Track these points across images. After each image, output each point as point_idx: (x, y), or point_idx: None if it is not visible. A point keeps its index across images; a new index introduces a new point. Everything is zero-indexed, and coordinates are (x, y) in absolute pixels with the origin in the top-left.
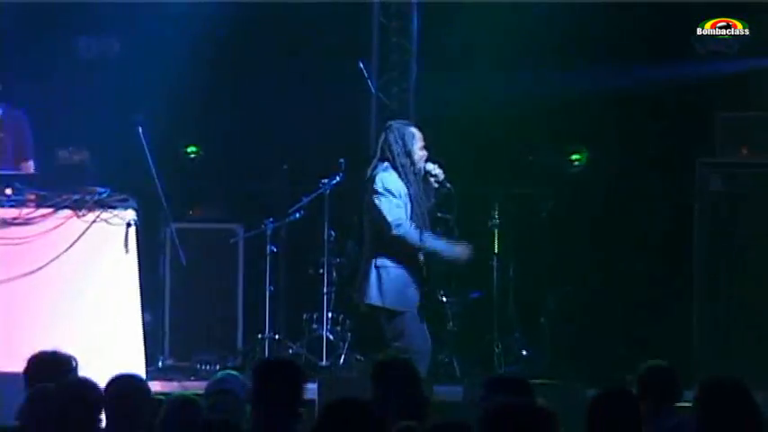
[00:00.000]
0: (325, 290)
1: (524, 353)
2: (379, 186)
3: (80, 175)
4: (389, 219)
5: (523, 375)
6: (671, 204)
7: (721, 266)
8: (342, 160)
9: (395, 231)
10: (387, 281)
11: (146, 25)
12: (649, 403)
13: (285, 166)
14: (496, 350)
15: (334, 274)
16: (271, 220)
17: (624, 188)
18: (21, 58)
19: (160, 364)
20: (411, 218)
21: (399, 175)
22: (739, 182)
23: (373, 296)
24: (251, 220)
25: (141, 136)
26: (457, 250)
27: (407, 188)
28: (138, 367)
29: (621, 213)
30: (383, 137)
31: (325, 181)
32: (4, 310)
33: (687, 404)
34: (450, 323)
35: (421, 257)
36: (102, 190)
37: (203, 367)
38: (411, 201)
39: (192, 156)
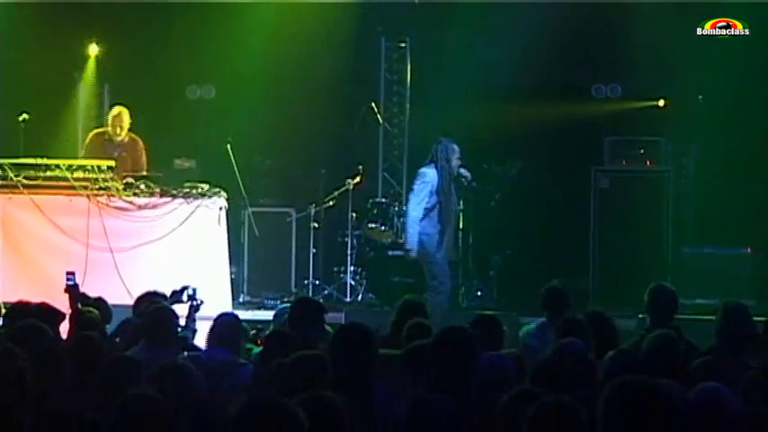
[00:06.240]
0: (348, 251)
1: (479, 293)
2: (418, 177)
3: (189, 176)
4: (409, 202)
5: (478, 308)
6: (576, 195)
7: (605, 231)
8: (360, 166)
9: (406, 205)
10: (426, 242)
11: (234, 75)
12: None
13: (323, 170)
14: (461, 291)
15: (354, 241)
16: (313, 205)
17: (546, 186)
18: (147, 99)
19: (241, 299)
20: (435, 201)
21: (437, 171)
22: (618, 182)
23: (416, 251)
24: (300, 206)
25: (230, 150)
26: (408, 247)
27: (440, 180)
28: (225, 301)
29: (544, 202)
30: (435, 146)
31: (349, 180)
32: (133, 265)
33: None
34: None
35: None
36: (203, 185)
37: (268, 302)
38: (439, 189)
39: (263, 163)
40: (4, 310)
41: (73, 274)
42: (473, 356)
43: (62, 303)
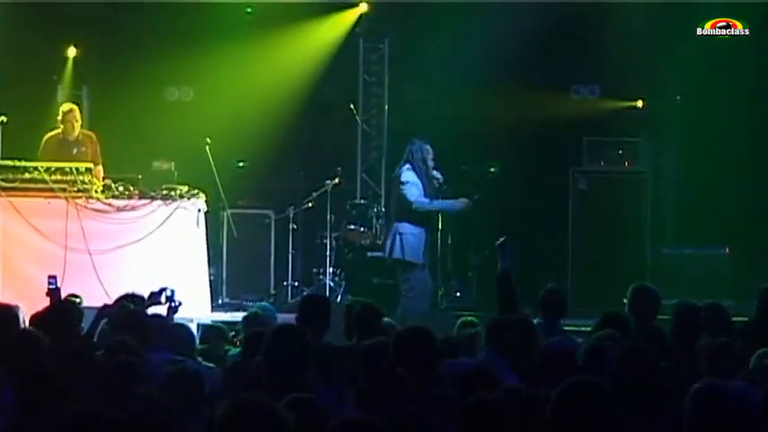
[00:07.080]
0: (327, 253)
1: (458, 294)
2: (403, 179)
3: (167, 178)
4: (411, 199)
5: (456, 309)
6: (555, 196)
7: (584, 232)
8: (339, 168)
9: (415, 206)
10: (405, 242)
11: (212, 77)
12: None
13: (302, 172)
14: (440, 292)
15: (333, 242)
16: (292, 207)
17: (524, 187)
18: (126, 101)
19: (220, 301)
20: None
21: (416, 173)
22: (597, 183)
23: (396, 252)
24: (279, 207)
25: (208, 152)
26: (458, 204)
27: (420, 181)
28: (204, 303)
29: (522, 203)
30: (409, 147)
31: (328, 182)
32: (112, 267)
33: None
34: None
35: (439, 225)
36: (182, 187)
37: (247, 303)
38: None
39: (241, 165)
40: None
41: (54, 278)
42: (435, 359)
43: (42, 306)
